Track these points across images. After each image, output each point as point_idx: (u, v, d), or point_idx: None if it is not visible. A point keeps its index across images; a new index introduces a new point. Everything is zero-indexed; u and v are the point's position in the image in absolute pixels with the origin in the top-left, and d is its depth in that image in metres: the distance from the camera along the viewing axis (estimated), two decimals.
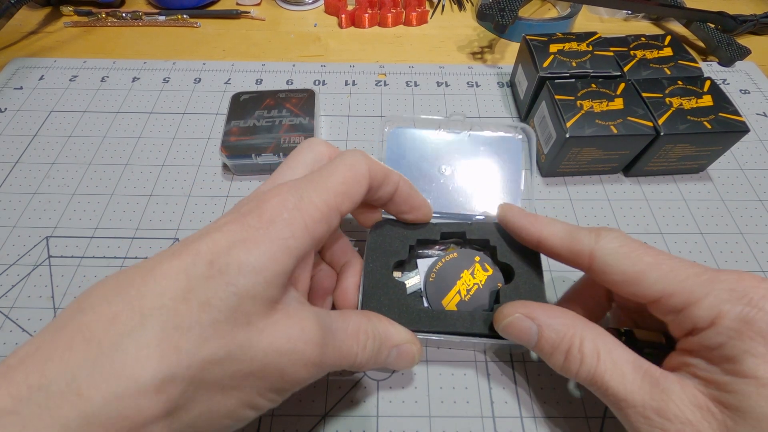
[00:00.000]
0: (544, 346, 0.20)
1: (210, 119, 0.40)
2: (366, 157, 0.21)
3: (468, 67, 0.45)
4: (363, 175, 0.20)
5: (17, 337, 0.27)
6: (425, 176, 0.30)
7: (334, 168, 0.20)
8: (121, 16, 0.48)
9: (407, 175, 0.28)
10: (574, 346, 0.20)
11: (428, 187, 0.29)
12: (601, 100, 0.33)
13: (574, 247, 0.21)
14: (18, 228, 0.32)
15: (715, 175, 0.36)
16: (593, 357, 0.19)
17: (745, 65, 0.44)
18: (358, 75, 0.44)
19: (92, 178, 0.35)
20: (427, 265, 0.26)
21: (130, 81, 0.43)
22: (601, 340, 0.19)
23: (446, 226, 0.26)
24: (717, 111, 0.32)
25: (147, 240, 0.32)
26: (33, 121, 0.39)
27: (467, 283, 0.25)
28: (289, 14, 0.51)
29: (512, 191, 0.29)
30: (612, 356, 0.19)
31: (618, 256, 0.20)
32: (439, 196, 0.29)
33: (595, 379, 0.19)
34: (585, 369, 0.19)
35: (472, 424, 0.25)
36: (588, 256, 0.21)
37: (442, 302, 0.25)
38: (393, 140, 0.31)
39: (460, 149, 0.31)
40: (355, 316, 0.21)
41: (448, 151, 0.31)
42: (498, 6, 0.41)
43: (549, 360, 0.21)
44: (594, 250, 0.21)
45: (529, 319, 0.21)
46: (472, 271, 0.25)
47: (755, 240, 0.32)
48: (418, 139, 0.31)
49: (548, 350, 0.20)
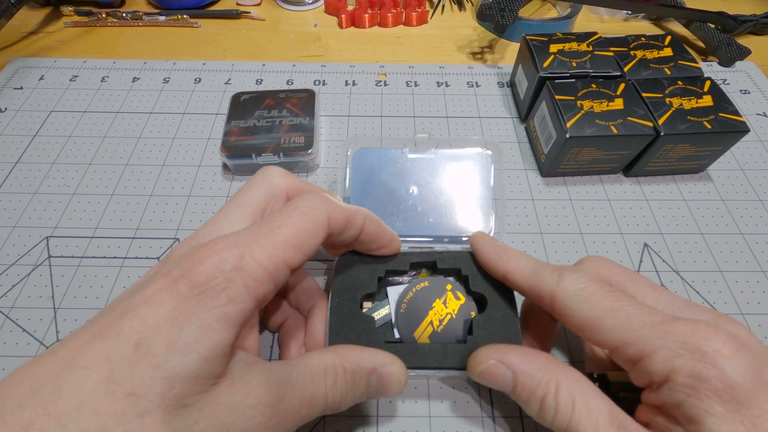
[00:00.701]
0: (521, 393, 0.20)
1: (210, 119, 0.40)
2: (326, 203, 0.19)
3: (468, 67, 0.45)
4: (321, 225, 0.19)
5: (17, 337, 0.27)
6: (392, 197, 0.28)
7: (286, 217, 0.18)
8: (122, 16, 0.48)
9: (374, 196, 0.27)
10: (549, 393, 0.19)
11: (396, 209, 0.28)
12: (601, 100, 0.33)
13: (536, 286, 0.21)
14: (18, 228, 0.32)
15: (715, 175, 0.36)
16: (568, 405, 0.18)
17: (745, 65, 0.44)
18: (358, 75, 0.44)
19: (92, 178, 0.35)
20: (398, 293, 0.25)
21: (131, 81, 0.43)
22: (577, 386, 0.19)
23: (416, 255, 0.26)
24: (717, 111, 0.32)
25: (147, 240, 0.32)
26: (33, 121, 0.39)
27: (440, 313, 0.24)
28: (289, 14, 0.51)
29: (483, 209, 0.28)
30: (588, 406, 0.18)
31: (578, 299, 0.19)
32: (407, 218, 0.28)
33: (569, 429, 0.18)
34: (560, 418, 0.18)
35: (472, 424, 0.25)
36: (549, 297, 0.20)
37: (414, 334, 0.24)
38: (357, 161, 0.29)
39: (428, 168, 0.29)
40: (317, 355, 0.19)
41: (415, 170, 0.29)
42: (498, 6, 0.41)
43: (525, 407, 0.20)
44: (555, 291, 0.20)
45: (504, 365, 0.20)
46: (444, 300, 0.25)
47: (755, 240, 0.32)
48: (384, 159, 0.29)
49: (524, 397, 0.20)
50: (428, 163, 0.29)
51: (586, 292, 0.19)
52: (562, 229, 0.33)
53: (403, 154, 0.30)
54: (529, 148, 0.38)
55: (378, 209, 0.27)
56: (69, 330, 0.28)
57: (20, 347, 0.27)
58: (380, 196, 0.28)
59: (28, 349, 0.27)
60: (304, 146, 0.34)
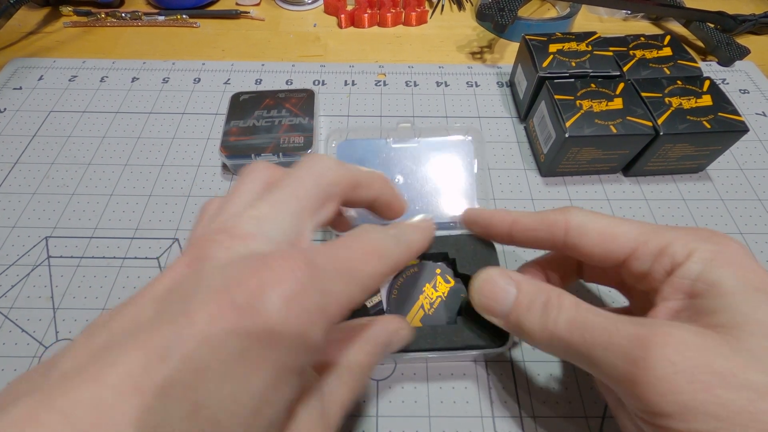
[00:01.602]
0: (522, 301, 0.20)
1: (209, 119, 0.40)
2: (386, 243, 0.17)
3: (467, 66, 0.45)
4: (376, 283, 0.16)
5: (17, 337, 0.27)
6: None
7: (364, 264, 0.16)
8: (121, 16, 0.48)
9: None
10: (552, 297, 0.19)
11: None
12: (601, 100, 0.33)
13: (547, 219, 0.22)
14: (17, 228, 0.32)
15: (715, 174, 0.36)
16: (572, 303, 0.19)
17: (745, 65, 0.44)
18: (358, 75, 0.44)
19: (92, 178, 0.35)
20: (389, 281, 0.26)
21: (130, 81, 0.43)
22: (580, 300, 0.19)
23: None
24: (716, 111, 0.32)
25: (146, 240, 0.32)
26: (32, 122, 0.39)
27: (430, 297, 0.25)
28: (289, 14, 0.51)
29: (468, 194, 0.29)
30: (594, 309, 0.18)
31: (592, 217, 0.21)
32: None
33: (575, 322, 0.18)
34: (564, 315, 0.18)
35: (472, 424, 0.25)
36: (564, 223, 0.21)
37: (405, 318, 0.24)
38: (343, 153, 0.30)
39: (412, 157, 0.30)
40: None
41: (399, 159, 0.30)
42: (497, 6, 0.41)
43: (524, 317, 0.20)
44: (568, 217, 0.21)
45: (508, 277, 0.21)
46: (434, 284, 0.26)
47: (755, 240, 0.32)
48: (368, 150, 0.30)
49: (525, 306, 0.20)
50: (412, 152, 0.30)
51: (595, 213, 0.21)
52: None
53: (387, 144, 0.31)
54: (529, 147, 0.38)
55: None
56: (69, 330, 0.28)
57: (20, 347, 0.27)
58: None
59: (28, 349, 0.27)
60: (303, 146, 0.34)
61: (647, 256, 0.19)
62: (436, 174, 0.30)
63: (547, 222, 0.22)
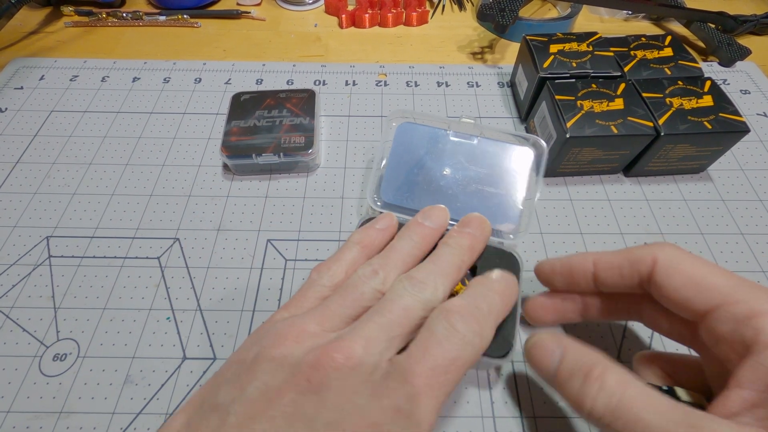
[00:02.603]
0: (565, 366, 0.19)
1: (210, 119, 0.40)
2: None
3: (468, 67, 0.45)
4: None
5: (17, 337, 0.27)
6: (426, 175, 0.29)
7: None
8: (122, 16, 0.48)
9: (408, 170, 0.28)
10: (595, 368, 0.18)
11: (427, 187, 0.29)
12: (602, 101, 0.33)
13: (632, 257, 0.20)
14: (18, 228, 0.32)
15: (716, 175, 0.36)
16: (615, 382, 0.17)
17: (746, 65, 0.44)
18: (359, 75, 0.44)
19: (93, 178, 0.35)
20: None
21: (131, 81, 0.43)
22: (630, 375, 0.17)
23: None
24: (717, 111, 0.32)
25: (147, 240, 0.32)
26: (33, 121, 0.39)
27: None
28: (290, 14, 0.51)
29: (511, 205, 0.28)
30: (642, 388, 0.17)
31: (680, 258, 0.19)
32: (436, 198, 0.29)
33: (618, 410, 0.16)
34: (604, 396, 0.17)
35: (472, 424, 0.25)
36: (651, 261, 0.20)
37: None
38: (400, 135, 0.30)
39: (467, 153, 0.30)
40: None
41: (454, 153, 0.30)
42: (498, 6, 0.41)
43: (565, 385, 0.19)
44: (656, 252, 0.20)
45: (556, 340, 0.20)
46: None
47: (755, 240, 0.32)
48: (426, 137, 0.30)
49: (568, 371, 0.19)
50: (468, 148, 0.30)
51: (685, 253, 0.19)
52: (562, 229, 0.33)
53: (446, 135, 0.30)
54: None
55: (409, 183, 0.29)
56: (69, 330, 0.28)
57: (20, 347, 0.27)
58: (414, 171, 0.29)
59: (29, 349, 0.27)
60: (304, 146, 0.34)
61: (729, 321, 0.17)
62: (485, 177, 0.29)
63: (632, 258, 0.20)
